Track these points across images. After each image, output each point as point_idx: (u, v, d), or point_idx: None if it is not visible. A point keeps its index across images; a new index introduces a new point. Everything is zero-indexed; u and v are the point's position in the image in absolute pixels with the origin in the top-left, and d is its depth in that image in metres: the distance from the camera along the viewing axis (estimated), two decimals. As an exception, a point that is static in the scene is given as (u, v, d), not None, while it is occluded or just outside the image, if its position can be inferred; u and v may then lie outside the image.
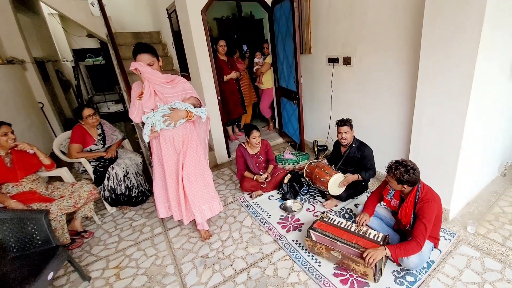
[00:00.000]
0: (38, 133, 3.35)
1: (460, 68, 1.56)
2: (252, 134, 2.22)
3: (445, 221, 1.89)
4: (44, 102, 3.63)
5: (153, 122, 1.61)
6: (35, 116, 3.39)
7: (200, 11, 2.43)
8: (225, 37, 3.03)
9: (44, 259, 1.39)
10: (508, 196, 2.10)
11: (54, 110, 3.87)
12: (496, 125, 2.00)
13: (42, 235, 1.48)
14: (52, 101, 3.91)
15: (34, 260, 1.41)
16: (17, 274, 1.32)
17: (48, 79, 4.14)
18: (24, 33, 3.45)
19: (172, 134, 1.70)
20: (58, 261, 1.43)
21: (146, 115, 1.61)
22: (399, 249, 1.43)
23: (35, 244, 1.49)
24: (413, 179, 1.43)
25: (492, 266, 1.54)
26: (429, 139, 1.84)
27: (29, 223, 1.48)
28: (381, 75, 2.20)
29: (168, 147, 1.73)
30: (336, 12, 2.41)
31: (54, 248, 1.48)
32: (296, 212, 2.11)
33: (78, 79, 5.06)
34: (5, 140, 1.70)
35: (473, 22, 1.45)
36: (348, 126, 2.04)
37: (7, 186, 1.73)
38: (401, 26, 1.94)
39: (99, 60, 5.34)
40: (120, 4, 3.92)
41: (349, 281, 1.53)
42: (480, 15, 1.41)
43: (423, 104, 1.81)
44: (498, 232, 1.77)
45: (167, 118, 1.61)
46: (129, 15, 4.04)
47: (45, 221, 1.48)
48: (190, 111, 1.66)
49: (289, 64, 2.78)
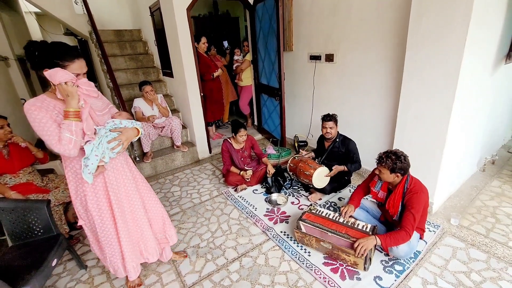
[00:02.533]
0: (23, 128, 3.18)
1: (446, 64, 1.51)
2: (240, 133, 2.16)
3: (428, 214, 1.82)
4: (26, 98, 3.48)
5: (102, 152, 1.06)
6: (18, 112, 3.22)
7: (186, 9, 2.35)
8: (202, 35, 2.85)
9: (48, 247, 1.35)
10: (489, 190, 2.05)
11: None
12: (477, 121, 1.97)
13: (44, 224, 1.43)
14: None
15: (37, 248, 1.36)
16: (21, 262, 1.27)
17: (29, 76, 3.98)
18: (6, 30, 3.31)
19: (121, 160, 1.21)
20: (60, 248, 1.39)
21: (89, 145, 1.03)
22: (389, 238, 1.36)
23: (37, 233, 1.44)
24: (405, 166, 1.37)
25: (477, 256, 1.48)
26: (414, 134, 1.78)
27: (30, 213, 1.42)
28: (365, 71, 2.14)
29: (120, 178, 1.20)
30: (319, 9, 2.34)
31: (56, 236, 1.44)
32: (281, 205, 2.02)
33: None
34: (2, 133, 1.66)
35: (461, 18, 1.40)
36: (333, 121, 1.98)
37: (5, 178, 1.68)
38: (385, 24, 1.89)
39: None
40: (100, 2, 3.77)
41: (339, 269, 1.44)
42: (468, 12, 1.37)
43: (409, 99, 1.75)
44: (481, 224, 1.71)
45: (118, 142, 1.09)
46: (108, 13, 3.88)
47: (47, 210, 1.44)
48: (139, 128, 1.20)
49: (271, 61, 2.70)
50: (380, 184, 1.57)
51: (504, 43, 1.87)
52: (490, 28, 1.63)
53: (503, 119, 2.53)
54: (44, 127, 0.97)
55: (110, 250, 1.26)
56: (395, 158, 1.37)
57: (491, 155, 2.36)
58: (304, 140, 2.87)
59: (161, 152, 2.77)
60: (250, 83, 3.32)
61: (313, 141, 2.66)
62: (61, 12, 3.13)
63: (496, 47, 1.80)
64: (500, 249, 1.51)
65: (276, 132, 3.02)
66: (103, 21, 3.81)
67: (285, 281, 1.41)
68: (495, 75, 1.94)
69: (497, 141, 2.60)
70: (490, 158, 2.34)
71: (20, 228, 1.42)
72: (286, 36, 2.72)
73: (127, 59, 3.43)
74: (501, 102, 2.30)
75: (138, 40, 3.78)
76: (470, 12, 1.36)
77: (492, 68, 1.86)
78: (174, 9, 2.30)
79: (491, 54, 1.79)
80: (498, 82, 2.06)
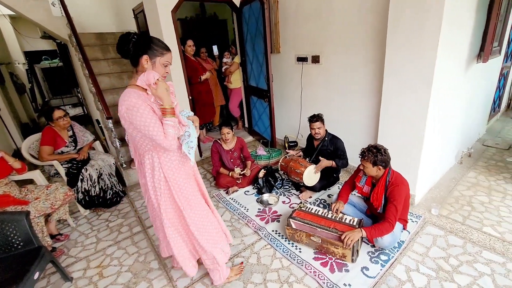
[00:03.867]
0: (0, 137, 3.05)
1: (422, 65, 1.63)
2: (222, 130, 2.19)
3: (411, 205, 1.94)
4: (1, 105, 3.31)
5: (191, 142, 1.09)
6: None
7: (170, 11, 2.35)
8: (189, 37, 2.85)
9: (29, 260, 1.31)
10: (466, 181, 2.20)
11: (12, 114, 3.53)
12: (453, 117, 2.11)
13: (24, 236, 1.39)
14: (9, 106, 3.57)
15: (18, 261, 1.32)
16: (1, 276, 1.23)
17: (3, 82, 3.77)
18: None
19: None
20: (43, 261, 1.34)
21: (186, 131, 1.08)
22: (373, 230, 1.44)
23: (16, 246, 1.39)
24: (385, 159, 1.47)
25: (455, 242, 1.59)
26: (395, 130, 1.89)
27: (9, 225, 1.37)
28: (348, 72, 2.24)
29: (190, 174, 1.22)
30: (304, 12, 2.43)
31: (37, 248, 1.39)
32: (273, 205, 2.07)
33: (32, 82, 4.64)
34: None
35: (433, 21, 1.51)
36: (320, 121, 2.06)
37: None
38: (367, 26, 2.00)
39: (55, 63, 4.83)
40: (81, 4, 3.65)
41: (329, 263, 1.50)
42: (439, 14, 1.48)
43: (389, 97, 1.86)
44: (458, 213, 1.84)
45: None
46: (90, 16, 3.75)
47: (27, 222, 1.39)
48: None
49: (259, 63, 2.74)
50: (364, 179, 1.65)
51: (475, 44, 2.02)
52: (461, 29, 1.77)
53: (478, 115, 2.73)
54: (151, 122, 0.97)
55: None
56: (376, 151, 1.46)
57: (467, 149, 2.53)
58: (294, 141, 2.94)
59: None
60: (239, 86, 3.35)
61: (303, 141, 2.74)
62: (37, 14, 2.98)
63: (468, 47, 1.94)
64: (475, 234, 1.64)
65: (266, 134, 3.07)
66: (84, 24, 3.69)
67: (276, 278, 1.45)
68: (468, 73, 2.09)
69: (473, 136, 2.79)
70: (466, 151, 2.51)
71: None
72: (273, 39, 2.79)
73: (111, 63, 3.36)
74: (476, 99, 2.48)
75: None
76: (442, 14, 1.47)
77: (465, 67, 2.01)
78: (158, 11, 2.29)
79: (464, 54, 1.93)
80: (472, 80, 2.22)
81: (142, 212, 2.16)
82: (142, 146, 1.09)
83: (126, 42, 0.99)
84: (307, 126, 2.23)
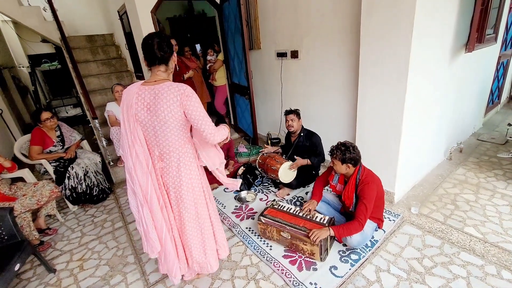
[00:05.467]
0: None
1: (396, 56, 1.54)
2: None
3: (390, 203, 1.87)
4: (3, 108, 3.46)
5: None
6: None
7: (150, 12, 2.35)
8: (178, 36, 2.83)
9: (11, 253, 1.38)
10: (453, 178, 2.09)
11: (13, 116, 3.70)
12: (439, 110, 1.99)
13: (8, 231, 1.48)
14: (11, 108, 3.73)
15: (1, 254, 1.39)
16: None
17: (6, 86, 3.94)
18: None
19: None
20: (24, 254, 1.42)
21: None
22: (342, 229, 1.39)
23: (1, 240, 1.47)
24: (354, 156, 1.41)
25: (432, 242, 1.52)
26: (373, 126, 1.81)
27: None
28: (326, 66, 2.17)
29: None
30: (282, 7, 2.36)
31: (20, 242, 1.46)
32: (250, 202, 2.06)
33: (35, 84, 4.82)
34: None
35: (406, 10, 1.42)
36: (293, 114, 2.02)
37: None
38: (343, 19, 1.92)
39: (55, 65, 5.03)
40: (73, 8, 3.75)
41: (298, 261, 1.48)
42: (412, 3, 1.38)
43: (365, 92, 1.78)
44: (440, 212, 1.75)
45: None
46: (82, 18, 3.86)
47: (10, 217, 1.47)
48: None
49: (240, 60, 2.69)
50: (337, 177, 1.60)
51: (461, 33, 1.89)
52: (441, 18, 1.65)
53: (471, 107, 2.56)
54: (205, 113, 1.05)
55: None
56: (344, 149, 1.41)
57: (457, 144, 2.39)
58: (277, 137, 2.90)
59: (136, 155, 2.78)
60: (224, 83, 3.33)
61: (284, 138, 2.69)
62: (30, 20, 3.09)
63: (451, 36, 1.82)
64: (455, 234, 1.55)
65: (249, 131, 3.05)
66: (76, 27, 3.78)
67: (244, 275, 1.45)
68: (454, 64, 1.96)
69: (466, 130, 2.63)
70: (456, 146, 2.37)
71: (-15, 235, 1.44)
72: (253, 34, 2.74)
73: (100, 64, 3.43)
74: (467, 90, 2.33)
75: (111, 45, 3.77)
76: (414, 4, 1.37)
77: (450, 58, 1.88)
78: (137, 12, 2.30)
79: (447, 44, 1.81)
80: (460, 71, 2.08)
81: (125, 208, 2.21)
82: (176, 139, 1.08)
83: (163, 40, 1.02)
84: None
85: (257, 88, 3.01)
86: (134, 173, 1.08)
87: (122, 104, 1.08)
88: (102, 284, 1.49)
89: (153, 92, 1.02)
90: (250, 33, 2.75)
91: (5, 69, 4.07)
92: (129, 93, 1.06)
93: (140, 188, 1.09)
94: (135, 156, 1.06)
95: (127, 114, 1.05)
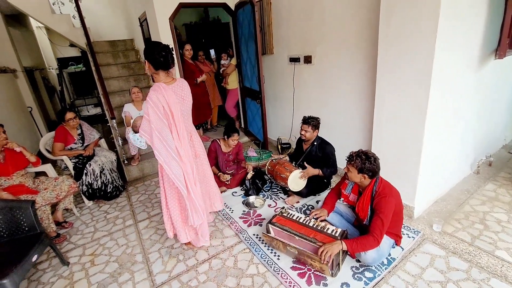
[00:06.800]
0: (27, 134, 3.42)
1: (418, 63, 1.44)
2: (233, 137, 2.18)
3: (409, 219, 1.73)
4: (33, 106, 3.73)
5: None
6: (24, 119, 3.48)
7: (168, 19, 2.44)
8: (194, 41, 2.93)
9: (30, 243, 1.44)
10: (481, 194, 1.90)
11: (41, 113, 3.97)
12: (464, 120, 1.84)
13: (29, 223, 1.54)
14: (39, 106, 4.01)
15: (21, 244, 1.46)
16: (6, 256, 1.38)
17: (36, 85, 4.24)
18: (16, 45, 3.58)
19: None
20: (41, 245, 1.48)
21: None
22: (355, 243, 1.30)
23: (22, 230, 1.54)
24: (374, 168, 1.32)
25: (458, 265, 1.37)
26: (391, 135, 1.70)
27: (18, 212, 1.53)
28: (341, 72, 2.10)
29: None
30: (296, 13, 2.34)
31: (39, 234, 1.52)
32: (258, 208, 2.01)
33: (62, 85, 5.18)
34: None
35: (429, 13, 1.33)
36: (309, 125, 1.92)
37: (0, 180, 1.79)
38: (358, 24, 1.85)
39: (80, 68, 5.43)
40: (98, 15, 3.99)
41: (307, 274, 1.40)
42: (436, 6, 1.30)
43: (383, 99, 1.68)
44: (466, 231, 1.59)
45: None
46: (106, 25, 4.09)
47: (32, 210, 1.54)
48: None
49: (252, 64, 2.71)
50: (350, 186, 1.51)
51: (491, 38, 1.75)
52: (467, 22, 1.53)
53: (502, 117, 2.35)
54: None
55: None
56: (365, 159, 1.32)
57: (486, 156, 2.19)
58: (287, 143, 2.84)
59: (148, 155, 2.85)
60: (236, 87, 3.36)
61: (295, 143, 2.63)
62: (60, 26, 3.36)
63: (479, 41, 1.69)
64: (484, 258, 1.40)
65: (259, 135, 3.02)
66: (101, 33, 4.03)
67: (250, 284, 1.39)
68: (482, 71, 1.81)
69: (496, 142, 2.41)
70: (485, 159, 2.17)
71: (10, 225, 1.53)
72: (266, 40, 2.74)
73: (120, 67, 3.60)
74: (496, 99, 2.14)
75: (131, 49, 3.96)
76: (438, 7, 1.29)
77: (477, 64, 1.74)
78: (157, 19, 2.39)
79: (474, 49, 1.68)
80: (489, 78, 1.92)
81: (136, 207, 2.25)
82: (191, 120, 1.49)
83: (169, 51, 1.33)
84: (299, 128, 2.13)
85: (269, 92, 2.99)
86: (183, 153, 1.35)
87: (159, 107, 1.28)
88: (110, 281, 1.50)
89: (178, 87, 1.36)
90: (263, 38, 2.76)
91: (37, 70, 4.41)
92: (167, 92, 1.30)
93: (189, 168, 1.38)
94: (182, 138, 1.35)
95: (174, 107, 1.31)
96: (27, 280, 1.56)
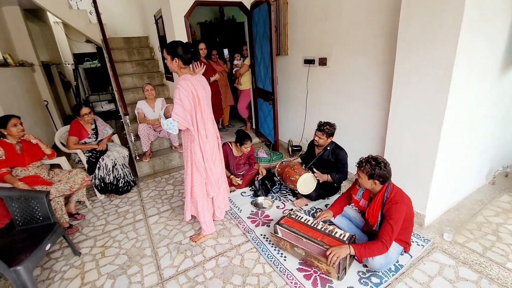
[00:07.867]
0: (43, 127, 3.53)
1: (437, 70, 1.42)
2: (246, 144, 2.18)
3: (420, 226, 1.71)
4: (49, 100, 3.85)
5: None
6: (40, 112, 3.59)
7: (184, 17, 2.46)
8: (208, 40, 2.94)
9: (44, 233, 1.50)
10: (495, 205, 1.86)
11: (57, 107, 4.09)
12: (481, 130, 1.80)
13: (43, 213, 1.60)
14: (55, 100, 4.13)
15: (36, 233, 1.52)
16: (20, 244, 1.44)
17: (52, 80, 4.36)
18: (34, 40, 3.70)
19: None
20: (55, 235, 1.54)
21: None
22: (363, 249, 1.31)
23: (37, 220, 1.61)
24: (384, 174, 1.31)
25: (467, 275, 1.36)
26: (405, 141, 1.68)
27: (33, 202, 1.60)
28: (356, 75, 2.07)
29: None
30: (312, 14, 2.32)
31: (52, 224, 1.59)
32: (266, 209, 2.03)
33: (77, 80, 5.30)
34: (15, 131, 1.83)
35: (451, 21, 1.31)
36: (323, 133, 1.91)
37: (16, 170, 1.86)
38: (376, 28, 1.83)
39: (95, 63, 5.53)
40: (114, 12, 4.05)
41: (313, 277, 1.41)
42: (459, 14, 1.28)
43: (398, 106, 1.67)
44: (478, 242, 1.56)
45: None
46: (121, 21, 4.15)
47: (46, 200, 1.60)
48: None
49: (266, 65, 2.70)
50: (361, 192, 1.51)
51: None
52: (490, 31, 1.50)
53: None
54: None
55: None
56: (375, 164, 1.32)
57: (503, 167, 2.13)
58: (298, 145, 2.83)
59: (159, 152, 2.91)
60: (248, 87, 3.36)
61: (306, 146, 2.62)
62: (77, 22, 3.45)
63: (503, 49, 1.64)
64: (495, 270, 1.38)
65: (270, 136, 3.02)
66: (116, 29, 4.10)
67: (256, 283, 1.42)
68: (505, 79, 1.76)
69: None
70: (501, 170, 2.11)
71: (25, 214, 1.60)
72: (281, 40, 2.73)
73: (134, 64, 3.66)
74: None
75: (146, 47, 4.01)
76: (461, 15, 1.27)
77: (500, 72, 1.69)
78: (172, 17, 2.42)
79: (497, 57, 1.63)
80: (509, 88, 1.86)
81: (146, 202, 2.32)
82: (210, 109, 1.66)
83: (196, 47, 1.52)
84: (311, 131, 2.13)
85: (281, 94, 2.99)
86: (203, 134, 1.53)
87: (189, 92, 1.43)
88: (120, 273, 1.56)
89: (199, 78, 1.54)
90: (278, 39, 2.75)
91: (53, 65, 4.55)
92: (194, 81, 1.46)
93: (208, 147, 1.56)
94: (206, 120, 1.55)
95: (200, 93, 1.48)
96: (40, 268, 1.63)
